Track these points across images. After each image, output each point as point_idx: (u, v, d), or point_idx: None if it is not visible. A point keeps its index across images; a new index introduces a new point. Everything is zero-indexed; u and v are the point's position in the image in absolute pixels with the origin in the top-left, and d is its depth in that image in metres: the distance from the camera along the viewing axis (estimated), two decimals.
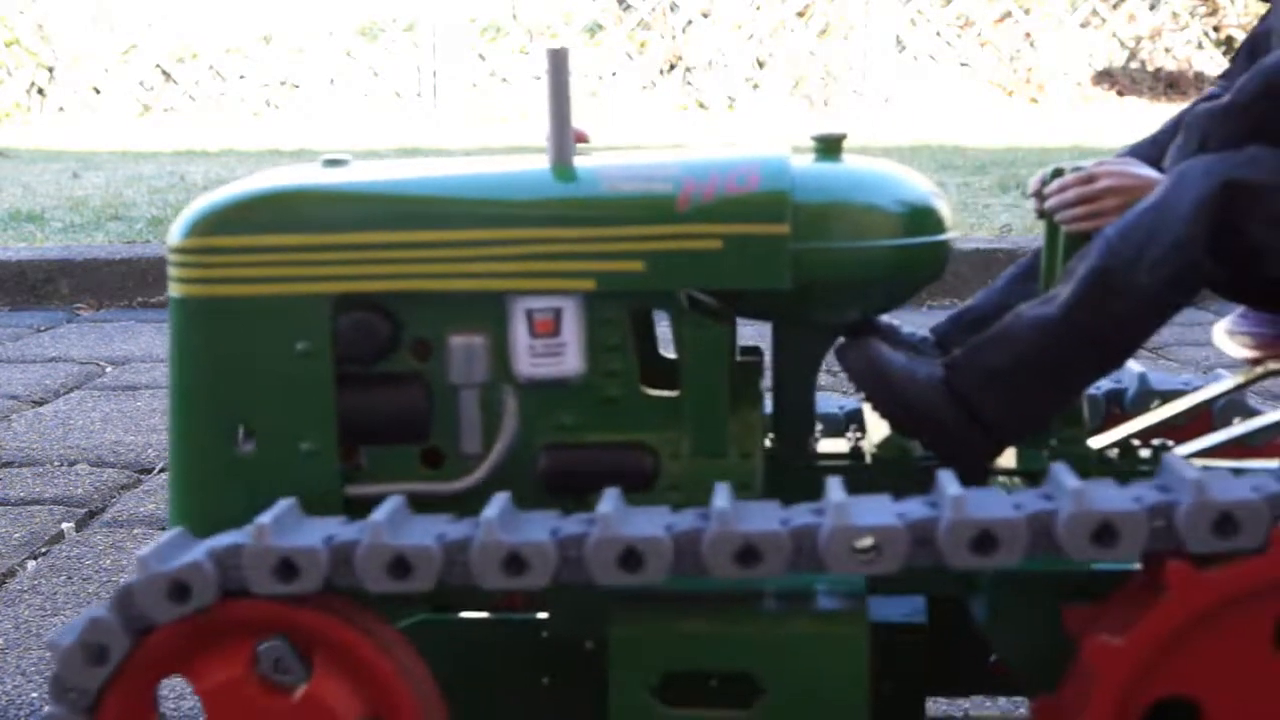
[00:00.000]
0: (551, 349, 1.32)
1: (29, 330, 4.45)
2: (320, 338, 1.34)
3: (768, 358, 1.54)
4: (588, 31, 10.27)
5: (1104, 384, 1.74)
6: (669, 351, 1.47)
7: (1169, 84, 12.33)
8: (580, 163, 1.37)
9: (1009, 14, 12.12)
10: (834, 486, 1.28)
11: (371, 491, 1.35)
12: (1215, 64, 12.30)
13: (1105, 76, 12.37)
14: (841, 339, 1.50)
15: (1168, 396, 1.71)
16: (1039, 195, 1.59)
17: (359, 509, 1.29)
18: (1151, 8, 12.28)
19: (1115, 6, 12.26)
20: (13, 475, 2.81)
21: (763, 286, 1.33)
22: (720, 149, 1.42)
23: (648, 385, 1.40)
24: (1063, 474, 1.26)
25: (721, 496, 1.25)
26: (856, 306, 1.49)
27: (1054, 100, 12.01)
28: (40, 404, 3.54)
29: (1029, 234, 5.00)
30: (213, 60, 10.48)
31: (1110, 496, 1.23)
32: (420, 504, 1.32)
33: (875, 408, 1.46)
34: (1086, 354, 1.43)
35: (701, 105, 10.33)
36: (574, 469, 1.36)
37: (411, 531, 1.24)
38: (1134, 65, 12.36)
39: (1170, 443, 1.58)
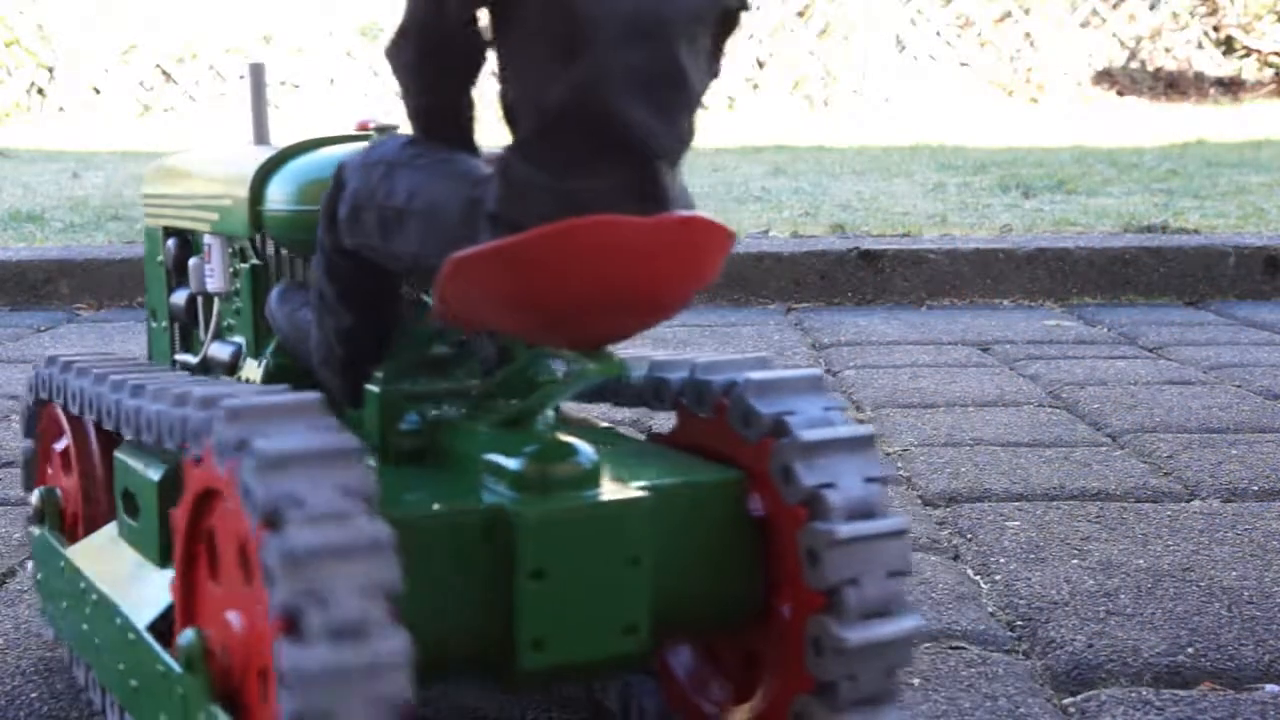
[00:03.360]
0: (211, 271, 1.81)
1: (29, 330, 4.45)
2: (164, 255, 1.98)
3: None
4: None
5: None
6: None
7: (1169, 84, 12.34)
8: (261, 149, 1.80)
9: (1009, 14, 12.14)
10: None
11: (182, 359, 1.95)
12: (1215, 64, 12.32)
13: (1105, 76, 12.38)
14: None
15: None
16: None
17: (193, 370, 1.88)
18: (1151, 8, 12.29)
19: (1115, 6, 12.27)
20: (13, 475, 2.80)
21: (241, 235, 1.73)
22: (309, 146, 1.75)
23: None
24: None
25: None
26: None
27: (1054, 100, 12.01)
28: None
29: (1028, 234, 5.00)
30: (213, 60, 10.49)
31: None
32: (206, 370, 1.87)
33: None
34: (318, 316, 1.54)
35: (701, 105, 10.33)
36: (212, 356, 1.83)
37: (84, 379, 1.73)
38: (1134, 65, 12.37)
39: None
